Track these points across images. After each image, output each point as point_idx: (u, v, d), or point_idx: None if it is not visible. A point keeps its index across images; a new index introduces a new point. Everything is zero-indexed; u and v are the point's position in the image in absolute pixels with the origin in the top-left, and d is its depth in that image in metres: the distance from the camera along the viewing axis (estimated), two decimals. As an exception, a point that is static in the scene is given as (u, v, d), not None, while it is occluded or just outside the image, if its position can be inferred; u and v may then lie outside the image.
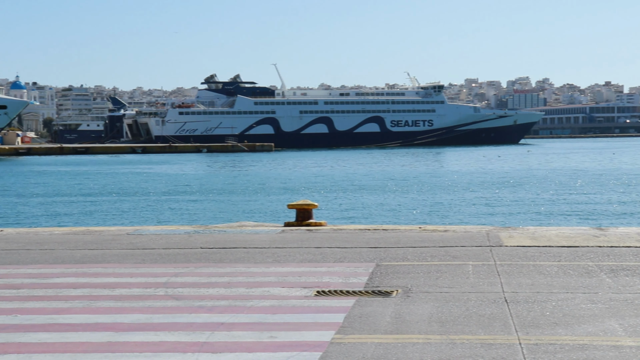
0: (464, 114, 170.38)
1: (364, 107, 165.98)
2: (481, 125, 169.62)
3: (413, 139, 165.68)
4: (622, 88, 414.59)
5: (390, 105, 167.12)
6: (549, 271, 12.09)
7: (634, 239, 14.99)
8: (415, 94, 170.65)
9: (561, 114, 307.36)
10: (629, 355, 7.66)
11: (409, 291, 10.83)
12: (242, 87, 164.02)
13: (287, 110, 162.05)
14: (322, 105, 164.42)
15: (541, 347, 8.01)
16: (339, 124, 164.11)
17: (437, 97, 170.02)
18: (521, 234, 16.12)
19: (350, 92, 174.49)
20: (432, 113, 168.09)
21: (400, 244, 14.94)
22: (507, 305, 9.90)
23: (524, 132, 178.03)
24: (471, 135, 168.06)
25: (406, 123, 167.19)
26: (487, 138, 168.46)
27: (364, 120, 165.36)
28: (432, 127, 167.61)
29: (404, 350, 7.98)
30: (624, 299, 10.11)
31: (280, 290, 11.07)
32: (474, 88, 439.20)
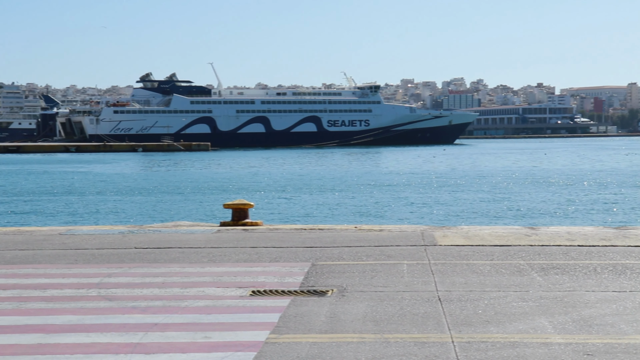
0: (400, 114, 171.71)
1: (301, 106, 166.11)
2: (417, 126, 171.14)
3: (350, 138, 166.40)
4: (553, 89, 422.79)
5: (327, 105, 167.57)
6: (482, 270, 12.25)
7: (564, 238, 15.28)
8: (352, 94, 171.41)
9: (495, 114, 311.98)
10: (557, 352, 7.81)
11: (344, 290, 10.87)
12: (178, 86, 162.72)
13: (223, 109, 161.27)
14: (259, 104, 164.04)
15: (473, 344, 8.11)
16: (275, 123, 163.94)
17: (373, 97, 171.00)
18: (455, 233, 16.31)
19: (287, 92, 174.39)
20: (368, 113, 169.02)
21: (336, 244, 14.99)
22: (441, 304, 10.00)
23: (459, 133, 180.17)
24: (407, 135, 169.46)
25: (343, 123, 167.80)
26: (422, 138, 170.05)
27: (300, 120, 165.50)
28: (369, 127, 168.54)
29: (339, 349, 8.01)
30: (553, 297, 10.29)
31: (215, 290, 11.01)
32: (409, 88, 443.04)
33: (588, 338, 8.30)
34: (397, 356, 7.76)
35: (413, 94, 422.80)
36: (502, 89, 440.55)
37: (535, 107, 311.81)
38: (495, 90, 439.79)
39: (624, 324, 8.84)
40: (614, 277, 11.54)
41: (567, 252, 13.81)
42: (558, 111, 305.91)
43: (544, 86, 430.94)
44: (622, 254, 13.46)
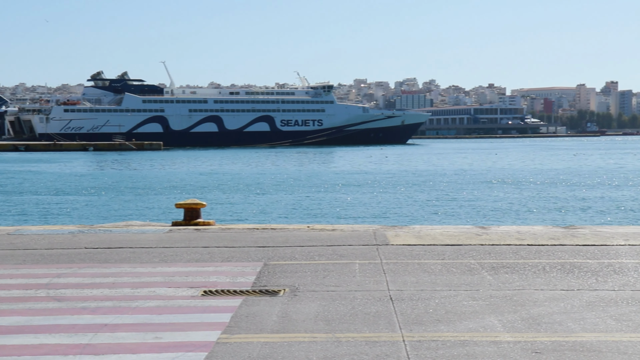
0: (353, 114, 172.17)
1: (254, 106, 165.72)
2: (370, 125, 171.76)
3: (303, 138, 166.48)
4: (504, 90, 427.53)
5: (280, 105, 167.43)
6: (433, 269, 12.34)
7: (514, 237, 15.46)
8: (305, 94, 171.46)
9: (447, 114, 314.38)
10: (506, 350, 7.89)
11: (296, 290, 10.87)
12: (130, 85, 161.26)
13: (176, 108, 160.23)
14: (211, 104, 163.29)
15: (424, 343, 8.17)
16: (228, 123, 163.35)
17: (326, 97, 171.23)
18: (407, 232, 16.40)
19: (240, 91, 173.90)
20: (321, 113, 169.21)
21: (289, 243, 14.98)
22: (392, 303, 10.05)
23: (411, 133, 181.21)
24: (360, 135, 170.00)
25: (296, 122, 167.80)
26: (375, 138, 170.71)
27: (254, 119, 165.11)
28: (322, 127, 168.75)
29: (290, 349, 8.01)
30: (503, 296, 10.40)
31: (166, 290, 10.94)
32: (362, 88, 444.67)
33: (536, 336, 8.40)
34: (348, 355, 7.78)
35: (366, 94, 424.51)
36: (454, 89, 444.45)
37: (487, 107, 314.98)
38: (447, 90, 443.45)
39: (572, 322, 8.96)
40: (563, 276, 11.70)
41: (517, 251, 13.97)
42: (509, 112, 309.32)
43: (495, 87, 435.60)
44: (570, 253, 13.66)
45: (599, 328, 8.70)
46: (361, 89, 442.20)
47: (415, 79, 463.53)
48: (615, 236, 15.48)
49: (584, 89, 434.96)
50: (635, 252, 13.68)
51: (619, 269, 12.17)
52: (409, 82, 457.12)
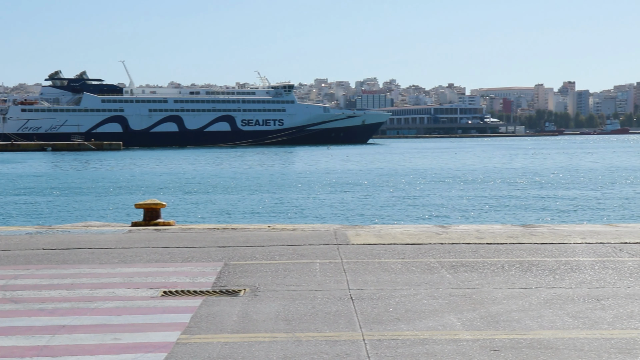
0: (313, 114, 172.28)
1: (214, 105, 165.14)
2: (331, 125, 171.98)
3: (264, 138, 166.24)
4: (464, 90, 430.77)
5: (241, 105, 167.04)
6: (394, 268, 12.39)
7: (473, 236, 15.57)
8: (265, 93, 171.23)
9: (407, 114, 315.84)
10: (465, 348, 7.95)
11: (256, 290, 10.85)
12: (89, 84, 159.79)
13: (136, 108, 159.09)
14: (171, 103, 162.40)
15: (384, 342, 8.20)
16: (189, 122, 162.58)
17: (287, 96, 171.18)
18: (368, 232, 16.44)
19: (200, 91, 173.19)
20: (282, 112, 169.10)
21: (249, 243, 14.95)
22: (353, 302, 10.07)
23: (372, 132, 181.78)
24: (321, 135, 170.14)
25: (257, 122, 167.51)
26: (336, 137, 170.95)
27: (214, 119, 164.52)
28: (283, 127, 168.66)
29: (250, 349, 7.99)
30: (462, 294, 10.48)
31: (125, 291, 10.86)
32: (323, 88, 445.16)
33: (495, 334, 8.47)
34: (308, 355, 7.78)
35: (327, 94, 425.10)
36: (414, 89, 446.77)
37: (447, 107, 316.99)
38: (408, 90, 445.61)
39: (529, 320, 9.05)
40: (521, 274, 11.81)
41: (476, 250, 14.07)
42: (468, 111, 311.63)
43: (454, 87, 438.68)
44: (528, 252, 13.79)
45: (556, 325, 8.80)
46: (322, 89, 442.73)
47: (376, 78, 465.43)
48: (572, 234, 15.66)
49: (542, 89, 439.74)
50: (591, 250, 13.85)
51: (576, 267, 12.31)
52: (370, 81, 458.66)
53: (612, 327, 8.68)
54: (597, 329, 8.61)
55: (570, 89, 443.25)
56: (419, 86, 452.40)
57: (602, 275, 11.69)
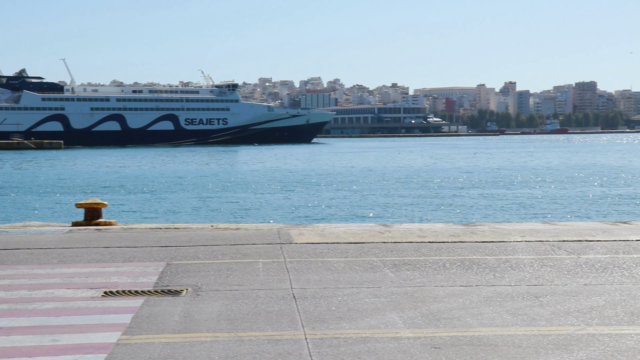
0: (258, 113, 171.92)
1: (157, 104, 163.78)
2: (275, 124, 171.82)
3: (208, 137, 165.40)
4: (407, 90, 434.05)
5: (185, 104, 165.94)
6: (336, 267, 12.43)
7: (416, 235, 15.69)
8: (209, 92, 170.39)
9: (351, 113, 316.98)
10: (406, 346, 8.01)
11: (199, 290, 10.79)
12: (29, 82, 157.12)
13: (77, 106, 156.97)
14: (114, 102, 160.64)
15: (326, 341, 8.22)
16: (132, 121, 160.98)
17: (231, 95, 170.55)
18: (311, 231, 16.47)
19: (143, 90, 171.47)
20: (226, 111, 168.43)
21: (192, 243, 14.86)
22: (295, 301, 10.08)
23: (316, 132, 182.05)
24: (265, 134, 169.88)
25: (200, 121, 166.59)
26: (281, 137, 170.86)
27: (157, 118, 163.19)
28: (227, 126, 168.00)
29: (192, 349, 7.95)
30: (404, 293, 10.55)
31: (65, 291, 10.71)
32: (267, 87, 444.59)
33: (436, 332, 8.55)
34: (250, 354, 7.77)
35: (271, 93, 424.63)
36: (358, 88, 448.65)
37: (390, 106, 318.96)
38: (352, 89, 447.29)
39: (470, 317, 9.16)
40: (462, 272, 11.94)
41: (418, 248, 14.19)
42: (412, 111, 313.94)
43: (398, 86, 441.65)
44: (469, 250, 13.95)
45: (496, 323, 8.92)
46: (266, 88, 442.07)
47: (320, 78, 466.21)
48: (512, 233, 15.88)
49: (484, 89, 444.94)
50: (531, 248, 14.06)
51: (516, 265, 12.49)
52: (314, 81, 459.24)
53: (550, 324, 8.83)
54: (535, 326, 8.74)
55: (511, 89, 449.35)
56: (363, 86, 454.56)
57: (540, 272, 11.88)
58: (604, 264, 12.53)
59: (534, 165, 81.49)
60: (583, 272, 11.90)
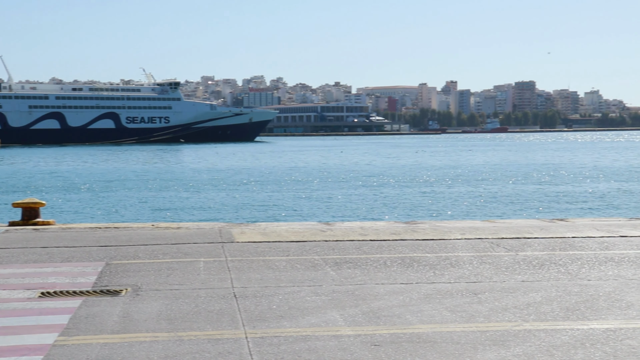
0: (200, 111, 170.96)
1: (98, 102, 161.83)
2: (218, 123, 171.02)
3: (149, 135, 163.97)
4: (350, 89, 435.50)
5: (126, 102, 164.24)
6: (278, 266, 12.42)
7: (357, 233, 15.76)
8: (151, 90, 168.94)
9: (294, 112, 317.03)
10: (347, 344, 8.04)
11: (138, 289, 10.69)
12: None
13: (14, 104, 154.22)
14: (53, 100, 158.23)
15: (266, 339, 8.21)
16: (71, 119, 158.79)
17: (173, 94, 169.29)
18: (253, 230, 16.43)
19: (83, 87, 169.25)
20: (168, 110, 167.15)
21: (132, 242, 14.72)
22: (236, 300, 10.05)
23: (259, 130, 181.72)
24: (208, 133, 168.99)
25: (142, 120, 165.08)
26: (223, 135, 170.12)
27: (98, 116, 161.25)
28: (169, 124, 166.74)
29: (131, 349, 7.87)
30: (345, 291, 10.59)
31: (0, 292, 10.52)
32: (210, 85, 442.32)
33: (376, 329, 8.60)
34: (190, 354, 7.72)
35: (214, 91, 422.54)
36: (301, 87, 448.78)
37: (333, 105, 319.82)
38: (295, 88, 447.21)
39: (410, 315, 9.23)
40: (402, 270, 12.03)
41: (359, 246, 14.25)
42: (355, 110, 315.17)
43: (341, 85, 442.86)
44: (410, 248, 14.06)
45: (435, 319, 9.00)
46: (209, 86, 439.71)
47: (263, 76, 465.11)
48: (452, 230, 16.04)
49: (426, 88, 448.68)
50: (470, 246, 14.23)
51: (455, 262, 12.62)
52: (257, 79, 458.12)
53: (488, 320, 8.94)
54: (474, 322, 8.85)
55: (453, 88, 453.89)
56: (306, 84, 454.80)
57: (479, 270, 12.02)
58: (541, 260, 12.74)
59: (474, 163, 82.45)
60: (521, 269, 12.08)
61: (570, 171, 67.03)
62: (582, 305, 9.67)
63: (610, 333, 8.37)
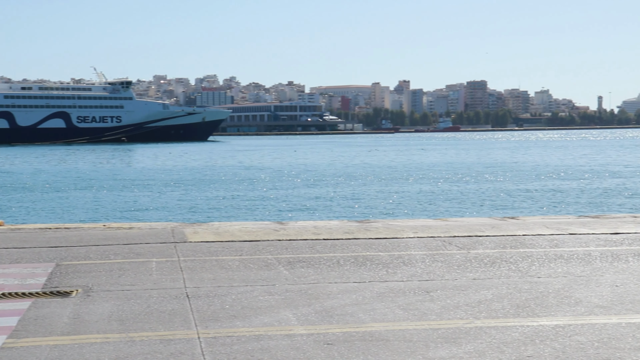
0: (152, 111, 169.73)
1: (48, 102, 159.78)
2: (170, 122, 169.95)
3: (101, 135, 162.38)
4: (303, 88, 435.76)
5: (77, 101, 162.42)
6: (231, 265, 12.38)
7: (311, 232, 15.77)
8: (102, 90, 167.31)
9: (248, 111, 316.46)
10: (300, 343, 8.05)
11: (89, 290, 10.58)
12: None
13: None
14: (1, 99, 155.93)
15: (219, 339, 8.18)
16: (21, 119, 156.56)
17: (125, 93, 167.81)
18: (206, 229, 16.36)
19: (33, 86, 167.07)
20: (120, 109, 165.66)
21: (83, 243, 14.55)
22: (189, 300, 9.99)
23: (212, 129, 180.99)
24: (161, 132, 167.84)
25: (93, 119, 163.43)
26: (176, 135, 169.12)
27: (48, 115, 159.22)
28: (121, 124, 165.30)
29: (81, 351, 7.78)
30: (298, 290, 10.59)
31: (-52, 295, 10.33)
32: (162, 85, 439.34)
33: (329, 328, 8.61)
34: (141, 355, 7.66)
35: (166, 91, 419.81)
36: (255, 86, 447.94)
37: (287, 104, 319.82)
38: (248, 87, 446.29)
39: (362, 313, 9.26)
40: (355, 269, 12.06)
41: (313, 245, 14.26)
42: (308, 109, 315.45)
43: (294, 84, 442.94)
44: (363, 246, 14.10)
45: (388, 318, 9.04)
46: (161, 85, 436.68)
47: (216, 75, 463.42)
48: (405, 229, 16.13)
49: (379, 87, 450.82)
50: (423, 244, 14.31)
51: (408, 261, 12.69)
52: (210, 78, 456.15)
53: (440, 318, 9.01)
54: (426, 320, 8.91)
55: (405, 87, 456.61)
56: (259, 84, 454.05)
57: (432, 268, 12.10)
58: (492, 258, 12.87)
59: (427, 162, 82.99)
60: (472, 266, 12.19)
61: (521, 170, 67.83)
62: (532, 302, 9.79)
63: (560, 329, 8.49)
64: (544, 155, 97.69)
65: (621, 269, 11.95)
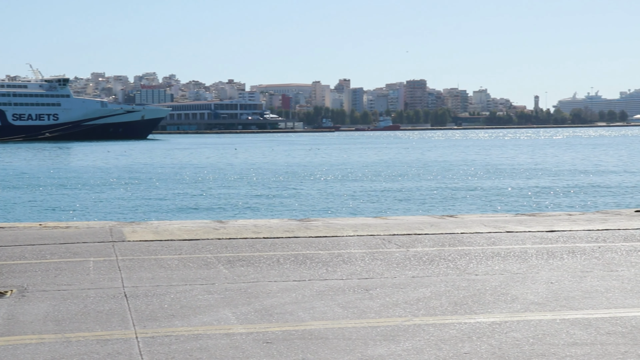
0: (90, 109, 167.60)
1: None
2: (109, 120, 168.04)
3: (38, 133, 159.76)
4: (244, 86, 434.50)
5: (12, 98, 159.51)
6: (170, 264, 12.28)
7: (250, 231, 15.73)
8: (39, 87, 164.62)
9: (188, 109, 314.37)
10: (239, 342, 8.02)
11: (24, 290, 10.40)
12: None
13: None
14: None
15: (157, 339, 8.10)
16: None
17: (62, 90, 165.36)
18: (144, 228, 16.20)
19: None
20: (57, 107, 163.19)
21: (18, 242, 14.30)
22: (127, 300, 9.89)
23: (152, 127, 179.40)
24: (99, 130, 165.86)
25: (30, 117, 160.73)
26: (115, 133, 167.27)
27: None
28: (58, 122, 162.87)
29: (15, 352, 7.64)
30: (238, 289, 10.56)
31: None
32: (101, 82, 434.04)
33: (268, 327, 8.60)
34: (77, 355, 7.55)
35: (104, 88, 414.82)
36: (194, 84, 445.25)
37: (227, 103, 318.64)
38: (188, 85, 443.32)
39: (302, 312, 9.27)
40: (295, 267, 12.07)
41: (253, 244, 14.22)
42: (249, 107, 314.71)
43: (235, 83, 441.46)
44: (303, 245, 14.12)
45: (327, 316, 9.06)
46: (99, 83, 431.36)
47: (155, 73, 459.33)
48: (345, 227, 16.19)
49: (319, 85, 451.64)
50: (362, 242, 14.39)
51: (348, 259, 12.74)
52: (149, 76, 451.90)
53: (379, 316, 9.06)
54: (365, 318, 8.95)
55: (346, 86, 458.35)
56: (199, 82, 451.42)
57: (371, 266, 12.17)
58: (430, 256, 12.99)
59: (367, 161, 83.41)
60: (411, 264, 12.29)
61: (459, 168, 68.60)
62: (470, 299, 9.91)
63: (496, 326, 8.60)
64: (482, 154, 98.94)
65: (556, 266, 12.17)
